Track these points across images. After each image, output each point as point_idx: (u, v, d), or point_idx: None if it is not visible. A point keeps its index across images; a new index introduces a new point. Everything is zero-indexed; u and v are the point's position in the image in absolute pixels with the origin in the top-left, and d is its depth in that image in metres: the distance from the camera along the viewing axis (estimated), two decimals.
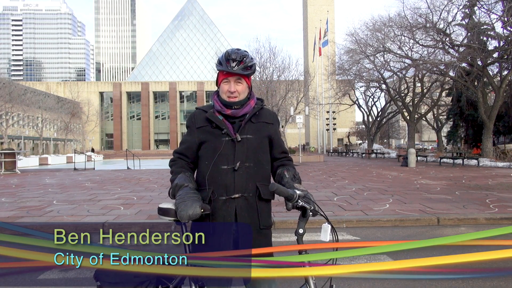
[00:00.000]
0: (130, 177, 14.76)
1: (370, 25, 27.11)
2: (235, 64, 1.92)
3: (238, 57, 1.93)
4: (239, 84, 1.98)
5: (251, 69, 1.97)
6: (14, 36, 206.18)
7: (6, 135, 40.94)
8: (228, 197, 1.91)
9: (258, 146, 2.00)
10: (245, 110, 2.01)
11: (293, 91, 33.06)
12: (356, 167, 19.32)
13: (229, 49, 1.98)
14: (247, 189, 1.92)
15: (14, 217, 6.51)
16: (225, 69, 1.94)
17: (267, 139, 2.06)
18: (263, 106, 2.12)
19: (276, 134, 2.13)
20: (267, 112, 2.13)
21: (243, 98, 2.00)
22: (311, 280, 1.69)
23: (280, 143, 2.14)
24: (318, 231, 1.89)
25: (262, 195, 1.94)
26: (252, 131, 2.00)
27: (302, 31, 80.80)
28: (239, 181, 1.92)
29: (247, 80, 2.03)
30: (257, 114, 2.05)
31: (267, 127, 2.06)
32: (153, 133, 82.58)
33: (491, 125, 22.12)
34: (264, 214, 1.96)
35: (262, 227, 1.94)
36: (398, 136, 75.80)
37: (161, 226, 6.91)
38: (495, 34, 22.12)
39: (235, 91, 1.97)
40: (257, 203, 1.94)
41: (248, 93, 2.04)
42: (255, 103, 2.07)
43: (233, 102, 1.98)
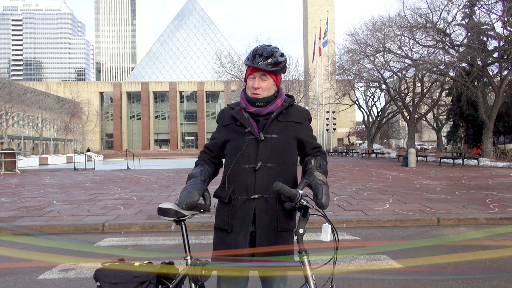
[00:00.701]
0: (130, 177, 14.76)
1: (370, 25, 27.12)
2: (261, 59, 1.86)
3: (266, 52, 1.87)
4: (264, 80, 1.91)
5: (279, 66, 1.90)
6: (14, 36, 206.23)
7: (6, 135, 40.93)
8: (248, 197, 1.87)
9: (283, 147, 1.92)
10: (270, 108, 1.94)
11: (293, 91, 33.02)
12: (356, 167, 19.31)
13: (259, 45, 1.93)
14: (268, 190, 1.87)
15: (14, 217, 6.51)
16: (250, 64, 1.88)
17: (294, 139, 1.97)
18: (293, 104, 2.03)
19: (307, 133, 2.02)
20: (297, 110, 2.03)
21: (267, 96, 1.93)
22: (311, 280, 1.69)
23: (311, 142, 2.02)
24: (318, 231, 1.89)
25: (283, 197, 1.85)
26: (277, 131, 1.93)
27: (302, 31, 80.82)
28: (260, 182, 1.87)
29: (274, 77, 1.94)
30: (285, 112, 1.97)
31: (294, 127, 1.97)
32: (153, 133, 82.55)
33: (491, 125, 22.11)
34: (284, 216, 1.89)
35: (280, 229, 1.88)
36: (398, 136, 75.76)
37: (161, 226, 6.98)
38: (495, 34, 22.11)
39: (259, 88, 1.90)
40: (277, 205, 1.88)
41: (275, 91, 1.97)
42: (282, 101, 1.99)
43: (256, 99, 1.92)
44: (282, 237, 1.89)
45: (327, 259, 1.78)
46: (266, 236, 1.86)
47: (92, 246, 5.09)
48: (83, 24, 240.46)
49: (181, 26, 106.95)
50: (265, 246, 1.84)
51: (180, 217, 1.81)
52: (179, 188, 10.51)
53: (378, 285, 3.55)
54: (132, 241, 5.31)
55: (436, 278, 3.72)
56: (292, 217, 1.94)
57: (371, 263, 4.18)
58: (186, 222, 1.87)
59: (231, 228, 1.89)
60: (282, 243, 1.88)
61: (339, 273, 3.85)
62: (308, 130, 2.03)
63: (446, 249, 4.73)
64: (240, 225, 1.87)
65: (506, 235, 5.44)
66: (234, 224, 1.88)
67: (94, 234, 5.77)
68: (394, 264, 4.16)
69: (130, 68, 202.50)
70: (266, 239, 1.85)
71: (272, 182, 1.83)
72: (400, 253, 4.56)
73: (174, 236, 5.54)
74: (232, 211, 1.89)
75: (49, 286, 3.65)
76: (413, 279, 3.69)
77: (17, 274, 4.00)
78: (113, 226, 5.97)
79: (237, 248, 1.84)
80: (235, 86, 42.76)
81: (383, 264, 4.17)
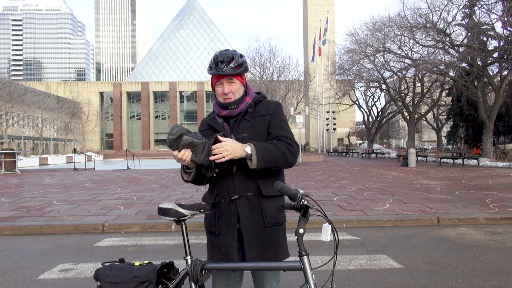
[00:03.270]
0: (130, 177, 14.76)
1: (370, 25, 27.15)
2: (224, 65, 1.91)
3: (226, 58, 1.91)
4: (232, 84, 1.96)
5: (242, 67, 1.94)
6: (14, 36, 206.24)
7: (6, 135, 40.94)
8: (230, 198, 1.90)
9: None
10: (241, 108, 1.98)
11: (293, 91, 33.06)
12: (356, 167, 19.32)
13: (217, 52, 1.97)
14: (248, 188, 1.90)
15: (14, 217, 6.51)
16: (215, 72, 1.93)
17: (265, 134, 1.96)
18: (262, 99, 2.04)
19: (274, 123, 1.97)
20: (265, 104, 2.03)
21: (238, 97, 1.98)
22: (311, 280, 1.68)
23: (276, 131, 1.94)
24: (318, 231, 1.89)
25: (264, 193, 1.89)
26: (247, 129, 1.94)
27: (302, 31, 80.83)
28: (238, 182, 1.90)
29: (240, 78, 1.99)
30: (252, 110, 1.99)
31: (263, 121, 1.97)
32: (153, 133, 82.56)
33: (491, 125, 22.12)
34: (271, 211, 1.91)
35: (268, 224, 1.89)
36: (398, 136, 75.80)
37: (161, 226, 6.98)
38: (495, 34, 22.12)
39: (229, 92, 1.95)
40: (261, 201, 1.90)
41: (244, 91, 2.01)
42: (252, 99, 2.02)
43: (230, 103, 1.96)
44: (271, 232, 1.90)
45: (327, 259, 1.78)
46: (253, 233, 1.88)
47: (92, 246, 5.09)
48: (83, 24, 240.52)
49: (181, 26, 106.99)
50: (254, 243, 1.86)
51: (180, 217, 1.81)
52: (179, 188, 10.51)
53: (378, 285, 3.55)
54: (132, 241, 5.31)
55: (436, 278, 3.72)
56: (280, 211, 1.95)
57: (371, 263, 4.18)
58: (186, 222, 1.87)
59: (218, 231, 1.94)
60: (272, 238, 1.90)
61: (339, 273, 3.85)
62: (276, 120, 1.98)
63: (446, 249, 4.73)
64: (228, 227, 1.91)
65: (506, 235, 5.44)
66: (221, 227, 1.93)
67: (94, 234, 5.77)
68: (394, 264, 4.16)
69: (130, 68, 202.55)
70: (254, 236, 1.87)
71: (251, 180, 1.88)
72: (400, 253, 4.56)
73: (174, 236, 5.54)
74: (218, 214, 1.94)
75: (49, 286, 3.65)
76: (413, 279, 3.69)
77: (17, 274, 4.00)
78: (113, 226, 5.97)
79: (227, 249, 1.89)
80: None
81: (383, 264, 4.17)
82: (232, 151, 1.78)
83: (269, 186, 1.90)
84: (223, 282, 1.99)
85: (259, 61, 31.64)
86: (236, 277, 2.02)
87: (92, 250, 4.88)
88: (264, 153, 1.81)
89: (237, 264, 1.83)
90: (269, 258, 1.87)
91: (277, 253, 1.90)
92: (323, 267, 1.60)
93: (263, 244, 1.87)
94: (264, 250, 1.87)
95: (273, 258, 1.88)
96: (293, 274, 3.68)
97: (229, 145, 1.79)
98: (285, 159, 1.86)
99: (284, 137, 1.91)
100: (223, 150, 1.78)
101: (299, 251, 1.70)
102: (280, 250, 1.92)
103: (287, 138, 1.91)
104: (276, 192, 1.85)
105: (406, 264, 4.15)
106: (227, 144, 1.79)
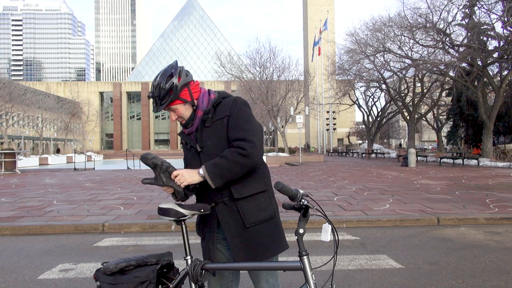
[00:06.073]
0: (130, 177, 14.76)
1: (370, 25, 27.12)
2: (155, 104, 1.92)
3: (155, 93, 1.89)
4: (176, 110, 1.95)
5: (173, 92, 1.87)
6: (14, 36, 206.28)
7: (6, 135, 40.91)
8: (210, 206, 1.91)
9: (219, 149, 1.87)
10: (196, 123, 1.97)
11: (293, 91, 33.08)
12: (356, 167, 19.31)
13: (152, 83, 1.95)
14: (223, 194, 1.88)
15: (14, 217, 6.51)
16: (154, 112, 1.97)
17: (226, 138, 1.89)
18: (221, 101, 1.95)
19: (231, 123, 1.87)
20: (223, 105, 1.93)
21: (188, 116, 1.96)
22: (311, 280, 1.68)
23: (232, 133, 1.85)
24: (318, 231, 1.89)
25: (236, 196, 1.86)
26: (209, 136, 1.92)
27: (302, 31, 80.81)
28: (213, 190, 1.87)
29: (179, 101, 1.92)
30: (212, 115, 1.92)
31: (222, 124, 1.90)
32: (153, 133, 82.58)
33: (491, 125, 22.11)
34: (249, 211, 1.87)
35: (249, 225, 1.87)
36: (398, 136, 75.80)
37: (161, 226, 6.98)
38: (495, 34, 22.11)
39: (176, 118, 1.99)
40: (237, 204, 1.87)
41: (192, 106, 1.96)
42: (208, 105, 1.96)
43: (185, 125, 2.00)
44: (256, 231, 1.88)
45: (327, 259, 1.78)
46: (237, 236, 1.88)
47: (92, 246, 5.09)
48: (83, 24, 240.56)
49: (181, 26, 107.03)
50: (238, 245, 1.87)
51: (180, 217, 1.81)
52: None
53: (378, 285, 3.55)
54: (132, 241, 5.31)
55: (436, 278, 3.72)
56: (261, 208, 1.90)
57: (371, 263, 4.18)
58: (186, 222, 1.87)
59: (203, 235, 2.03)
60: (258, 237, 1.88)
61: (339, 273, 3.84)
62: (232, 120, 1.88)
63: (446, 249, 4.73)
64: (209, 232, 1.97)
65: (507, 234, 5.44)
66: (205, 232, 2.00)
67: (94, 234, 5.77)
68: (394, 264, 4.16)
69: (130, 68, 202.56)
70: (238, 238, 1.88)
71: (223, 185, 1.85)
72: (400, 253, 4.56)
73: (174, 236, 5.54)
74: (202, 220, 2.03)
75: (49, 286, 3.65)
76: (413, 279, 3.69)
77: (17, 274, 4.00)
78: (113, 226, 5.97)
79: (209, 253, 1.94)
80: (235, 86, 42.78)
81: (383, 264, 4.17)
82: (188, 177, 1.83)
83: (242, 187, 1.87)
84: (218, 282, 2.02)
85: (259, 61, 31.67)
86: (230, 277, 2.03)
87: (92, 250, 4.88)
88: (215, 170, 1.78)
89: (237, 264, 1.83)
90: (259, 257, 1.86)
91: (268, 249, 1.88)
92: (323, 267, 1.60)
93: (249, 245, 1.87)
94: (251, 250, 1.86)
95: (263, 256, 1.87)
96: (293, 274, 3.68)
97: (185, 173, 1.84)
98: (240, 166, 1.79)
99: (237, 141, 1.82)
100: (180, 177, 1.83)
101: (299, 251, 1.70)
102: (271, 246, 1.89)
103: (239, 141, 1.81)
104: (251, 191, 1.88)
105: (406, 264, 4.15)
106: (183, 173, 1.84)
